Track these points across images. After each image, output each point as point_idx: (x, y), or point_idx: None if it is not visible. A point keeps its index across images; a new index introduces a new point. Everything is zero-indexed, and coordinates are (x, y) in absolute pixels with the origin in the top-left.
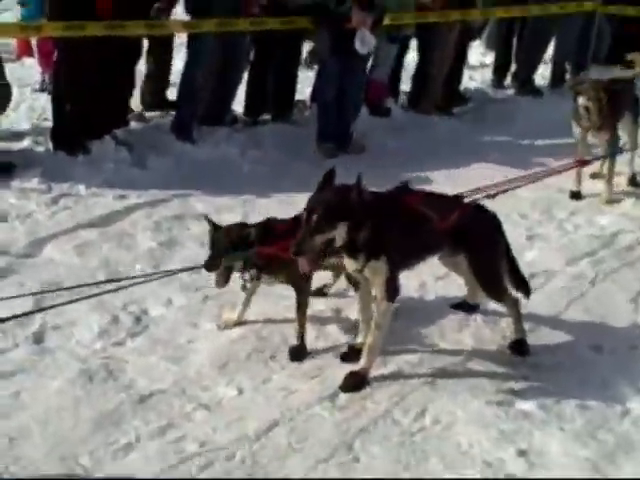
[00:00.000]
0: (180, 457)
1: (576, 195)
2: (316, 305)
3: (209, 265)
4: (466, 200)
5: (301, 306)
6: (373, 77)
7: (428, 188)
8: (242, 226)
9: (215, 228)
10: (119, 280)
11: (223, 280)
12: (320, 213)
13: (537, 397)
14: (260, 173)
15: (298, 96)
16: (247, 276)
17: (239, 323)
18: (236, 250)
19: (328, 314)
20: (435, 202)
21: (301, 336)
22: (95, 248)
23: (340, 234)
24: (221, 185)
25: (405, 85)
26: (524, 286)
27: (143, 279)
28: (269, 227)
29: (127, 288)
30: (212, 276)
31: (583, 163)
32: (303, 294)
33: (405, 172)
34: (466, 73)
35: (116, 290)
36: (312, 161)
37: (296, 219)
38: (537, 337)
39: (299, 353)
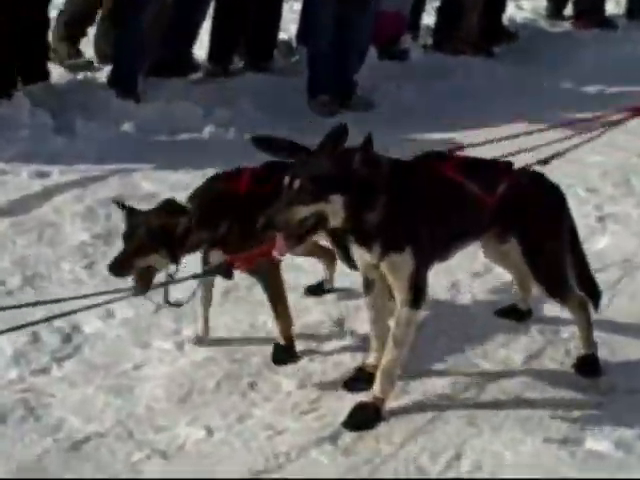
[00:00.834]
0: None
1: None
2: (310, 314)
3: (115, 267)
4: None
5: (275, 298)
6: (385, 8)
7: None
8: (168, 211)
9: (131, 213)
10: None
11: (143, 284)
12: (304, 178)
13: (613, 432)
14: (229, 139)
15: (281, 35)
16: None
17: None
18: (155, 246)
19: (327, 326)
20: (476, 169)
21: (286, 332)
22: (6, 244)
23: (334, 210)
24: (176, 156)
25: (429, 18)
26: (592, 288)
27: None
28: (210, 199)
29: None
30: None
31: None
32: (271, 285)
33: (428, 133)
34: (512, 0)
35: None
36: (302, 122)
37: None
38: (612, 351)
39: (285, 353)
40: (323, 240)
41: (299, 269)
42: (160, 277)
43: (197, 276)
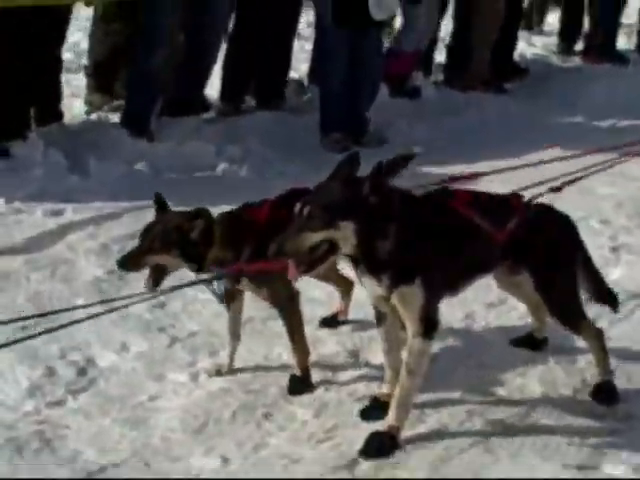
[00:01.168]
0: None
1: None
2: (325, 345)
3: (124, 262)
4: (527, 198)
5: (293, 329)
6: (405, 47)
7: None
8: (192, 215)
9: (161, 209)
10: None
11: (152, 282)
12: (314, 205)
13: (630, 458)
14: (242, 177)
15: (292, 74)
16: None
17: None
18: (166, 245)
19: (342, 357)
20: (487, 203)
21: (302, 363)
22: (20, 280)
23: (344, 236)
24: (189, 193)
25: (440, 55)
26: (608, 295)
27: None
28: (235, 221)
29: (66, 328)
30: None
31: None
32: (290, 316)
33: (441, 169)
34: (523, 36)
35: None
36: (313, 159)
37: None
38: (629, 379)
39: (301, 384)
40: (344, 268)
41: (314, 301)
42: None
43: (203, 281)
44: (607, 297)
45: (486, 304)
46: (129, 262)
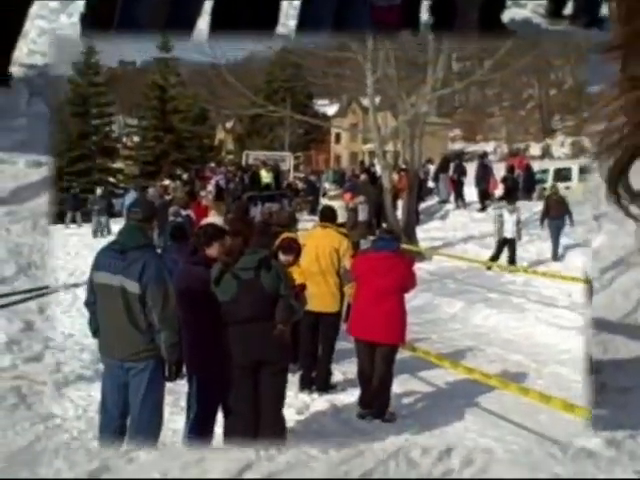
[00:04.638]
0: None
1: None
2: None
3: None
4: None
5: None
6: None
7: None
8: None
9: None
10: None
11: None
12: None
13: (604, 430)
14: None
15: None
16: None
17: None
18: None
19: None
20: None
21: None
22: (1, 232)
23: None
24: None
25: (425, 15)
26: None
27: None
28: None
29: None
30: None
31: None
32: None
33: None
34: None
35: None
36: None
37: None
38: (605, 350)
39: None
40: None
41: None
42: None
43: None
44: None
45: None
46: None
